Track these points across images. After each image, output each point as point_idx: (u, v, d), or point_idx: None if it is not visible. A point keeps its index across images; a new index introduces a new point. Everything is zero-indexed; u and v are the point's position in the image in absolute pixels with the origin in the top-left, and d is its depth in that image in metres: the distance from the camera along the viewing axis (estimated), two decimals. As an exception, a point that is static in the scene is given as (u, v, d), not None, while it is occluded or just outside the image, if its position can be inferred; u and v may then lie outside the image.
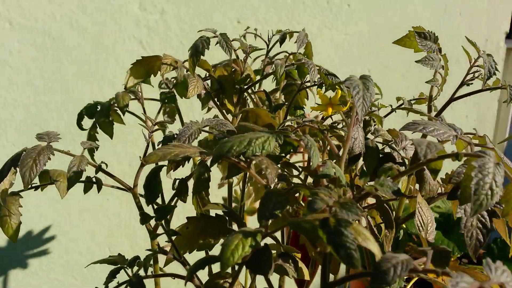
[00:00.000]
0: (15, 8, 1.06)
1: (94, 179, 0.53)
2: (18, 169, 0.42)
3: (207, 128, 0.41)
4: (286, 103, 0.57)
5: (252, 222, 0.77)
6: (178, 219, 0.58)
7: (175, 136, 0.41)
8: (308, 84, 0.58)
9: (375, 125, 0.51)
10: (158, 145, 0.42)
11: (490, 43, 1.46)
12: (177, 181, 0.46)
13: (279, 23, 1.29)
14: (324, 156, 0.59)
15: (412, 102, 0.56)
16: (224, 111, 0.54)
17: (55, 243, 1.16)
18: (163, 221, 0.36)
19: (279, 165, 0.38)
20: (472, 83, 0.48)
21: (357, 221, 0.30)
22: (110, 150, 1.15)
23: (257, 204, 0.84)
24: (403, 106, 0.46)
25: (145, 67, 0.54)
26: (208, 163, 0.40)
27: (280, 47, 0.60)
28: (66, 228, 1.16)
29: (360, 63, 1.36)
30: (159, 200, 0.47)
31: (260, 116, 0.49)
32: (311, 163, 0.33)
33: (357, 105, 0.33)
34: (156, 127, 0.47)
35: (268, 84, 0.69)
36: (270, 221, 0.33)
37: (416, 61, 0.47)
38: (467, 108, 1.46)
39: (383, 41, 1.38)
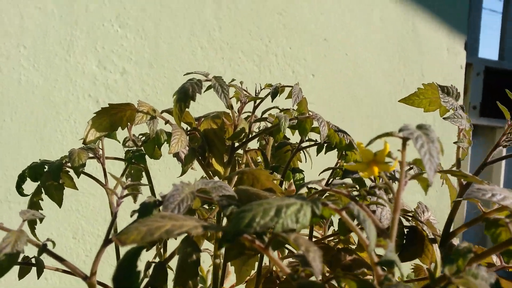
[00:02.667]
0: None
1: (33, 260, 0.38)
2: None
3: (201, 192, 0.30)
4: (281, 166, 0.47)
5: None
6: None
7: (158, 203, 0.29)
8: (306, 144, 0.49)
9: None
10: (132, 216, 0.30)
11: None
12: (153, 265, 0.33)
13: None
14: (325, 232, 0.48)
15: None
16: (210, 172, 0.43)
17: None
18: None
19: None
20: (508, 145, 0.41)
21: None
22: (51, 220, 0.98)
23: None
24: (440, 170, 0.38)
25: (110, 118, 0.43)
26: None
27: (272, 101, 0.51)
28: None
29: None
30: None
31: (259, 180, 0.39)
32: (368, 244, 0.22)
33: (425, 161, 0.24)
34: (126, 192, 0.35)
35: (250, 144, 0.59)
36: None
37: (444, 118, 0.40)
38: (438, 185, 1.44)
39: (347, 109, 1.35)
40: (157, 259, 0.50)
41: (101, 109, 0.42)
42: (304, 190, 0.44)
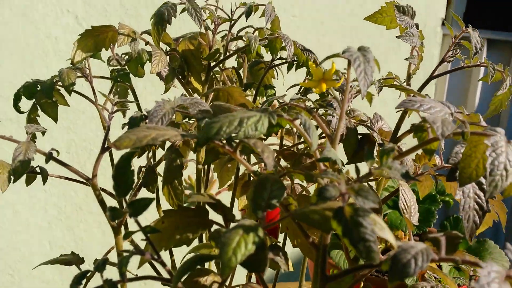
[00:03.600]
0: None
1: (38, 169, 0.45)
2: None
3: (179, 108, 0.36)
4: (255, 83, 0.52)
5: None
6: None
7: (144, 117, 0.35)
8: (278, 62, 0.54)
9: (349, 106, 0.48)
10: (123, 128, 0.36)
11: (428, 28, 1.51)
12: (143, 169, 0.40)
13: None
14: (295, 140, 0.55)
15: (381, 81, 0.54)
16: (190, 90, 0.48)
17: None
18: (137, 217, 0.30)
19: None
20: (452, 60, 0.47)
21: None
22: (46, 137, 1.04)
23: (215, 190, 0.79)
24: (385, 84, 0.44)
25: (94, 39, 0.47)
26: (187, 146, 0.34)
27: (246, 21, 0.55)
28: (-4, 224, 1.04)
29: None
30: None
31: (233, 96, 0.44)
32: (310, 146, 0.29)
33: (359, 79, 0.30)
34: (116, 108, 0.40)
35: (228, 62, 0.64)
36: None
37: (396, 36, 0.45)
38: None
39: (327, 25, 1.37)
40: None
41: (85, 31, 0.46)
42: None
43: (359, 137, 0.47)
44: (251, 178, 0.55)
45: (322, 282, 0.30)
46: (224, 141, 0.32)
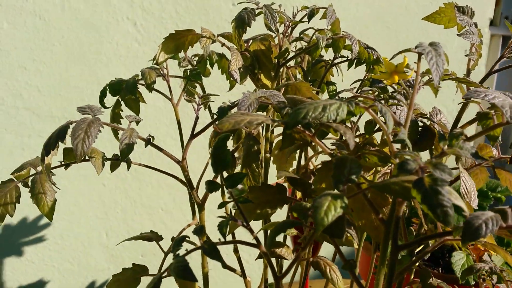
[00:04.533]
0: (7, -14, 1.01)
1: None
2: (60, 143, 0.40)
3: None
4: (317, 79, 0.57)
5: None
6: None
7: (229, 107, 0.41)
8: (339, 60, 0.58)
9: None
10: (212, 117, 0.41)
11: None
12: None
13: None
14: (354, 132, 0.59)
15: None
16: (259, 86, 0.53)
17: (50, 230, 1.13)
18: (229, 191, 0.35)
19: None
20: (510, 57, 0.50)
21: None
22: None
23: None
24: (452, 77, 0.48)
25: (175, 42, 0.53)
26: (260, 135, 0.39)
27: (309, 22, 0.59)
28: (61, 214, 1.13)
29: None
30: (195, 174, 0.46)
31: (300, 90, 0.49)
32: (386, 128, 0.33)
33: (432, 70, 0.34)
34: (202, 100, 0.46)
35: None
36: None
37: (457, 34, 0.48)
38: (453, 91, 1.50)
39: (372, 26, 1.40)
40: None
41: (169, 34, 0.52)
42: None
43: (420, 128, 0.50)
44: (311, 170, 0.60)
45: (395, 250, 0.34)
46: (302, 128, 0.37)
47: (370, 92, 0.41)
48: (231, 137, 0.38)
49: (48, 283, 1.19)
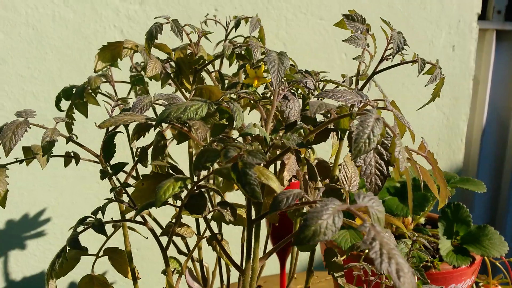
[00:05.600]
0: (-1, 2, 1.14)
1: (72, 154, 0.61)
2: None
3: (160, 102, 0.50)
4: (240, 82, 0.65)
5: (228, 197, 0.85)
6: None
7: (125, 109, 0.50)
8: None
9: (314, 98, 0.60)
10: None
11: (462, 23, 1.54)
12: (139, 149, 0.55)
13: (255, 9, 1.36)
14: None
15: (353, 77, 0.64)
16: (183, 89, 0.62)
17: (50, 225, 1.25)
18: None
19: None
20: (390, 58, 0.56)
21: (262, 165, 0.39)
22: (90, 131, 1.23)
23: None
24: (325, 79, 0.55)
25: (111, 52, 0.62)
26: (167, 133, 0.49)
27: (235, 31, 0.68)
28: (60, 211, 1.25)
29: (336, 47, 1.44)
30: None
31: (213, 92, 0.58)
32: (235, 124, 0.42)
33: (272, 76, 0.41)
34: (119, 102, 0.56)
35: (233, 67, 0.77)
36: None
37: (343, 40, 0.55)
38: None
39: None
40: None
41: (103, 46, 0.62)
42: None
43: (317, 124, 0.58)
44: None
45: (249, 224, 0.43)
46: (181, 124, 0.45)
47: (246, 93, 0.49)
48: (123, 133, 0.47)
49: (45, 270, 1.32)
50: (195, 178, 0.41)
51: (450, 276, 0.81)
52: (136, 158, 0.55)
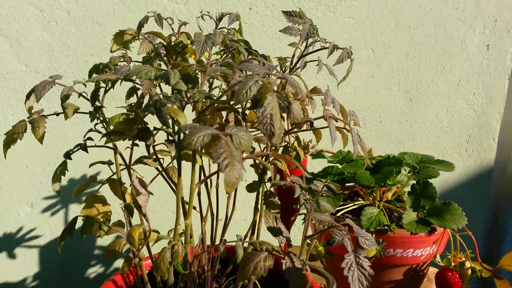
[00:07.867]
0: (72, 1, 1.47)
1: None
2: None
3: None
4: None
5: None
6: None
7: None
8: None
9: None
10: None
11: (499, 22, 1.59)
12: (132, 104, 0.79)
13: (286, 8, 1.56)
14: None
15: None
16: (170, 66, 0.85)
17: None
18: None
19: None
20: (312, 45, 0.73)
21: (175, 106, 0.59)
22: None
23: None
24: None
25: (121, 37, 0.87)
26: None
27: (217, 24, 0.90)
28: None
29: (364, 43, 1.58)
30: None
31: (184, 67, 0.79)
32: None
33: (197, 51, 0.62)
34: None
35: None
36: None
37: (279, 30, 0.73)
38: (474, 86, 1.60)
39: (384, 23, 1.58)
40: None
41: (116, 33, 0.87)
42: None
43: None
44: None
45: (179, 156, 0.64)
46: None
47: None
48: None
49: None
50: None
51: (408, 241, 0.94)
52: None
